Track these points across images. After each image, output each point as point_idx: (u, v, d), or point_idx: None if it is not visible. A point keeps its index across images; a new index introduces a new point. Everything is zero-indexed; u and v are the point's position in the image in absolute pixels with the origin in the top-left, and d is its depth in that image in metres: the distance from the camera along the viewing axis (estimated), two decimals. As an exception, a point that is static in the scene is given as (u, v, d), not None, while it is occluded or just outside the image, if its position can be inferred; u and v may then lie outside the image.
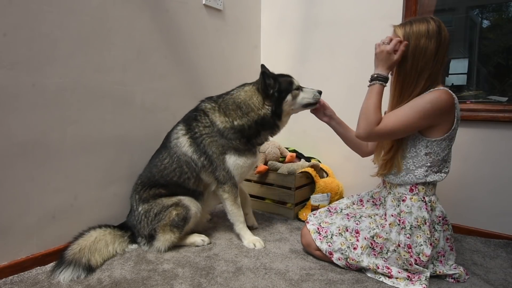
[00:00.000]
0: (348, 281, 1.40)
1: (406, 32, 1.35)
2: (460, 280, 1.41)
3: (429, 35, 1.31)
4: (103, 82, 1.72)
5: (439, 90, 1.31)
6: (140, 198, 1.71)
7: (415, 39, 1.33)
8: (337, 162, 2.45)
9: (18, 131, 1.43)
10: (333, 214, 1.64)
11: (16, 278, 1.41)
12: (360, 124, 1.39)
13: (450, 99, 1.30)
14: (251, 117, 1.70)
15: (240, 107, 1.71)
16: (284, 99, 1.70)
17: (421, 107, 1.29)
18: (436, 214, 1.43)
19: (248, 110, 1.70)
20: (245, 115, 1.70)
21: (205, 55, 2.30)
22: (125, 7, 1.79)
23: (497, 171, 1.87)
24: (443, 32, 1.33)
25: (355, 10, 2.28)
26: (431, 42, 1.31)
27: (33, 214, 1.50)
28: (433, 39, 1.31)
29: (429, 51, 1.31)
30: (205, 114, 1.74)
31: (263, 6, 2.76)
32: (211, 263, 1.56)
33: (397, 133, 1.35)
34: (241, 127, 1.70)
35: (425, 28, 1.32)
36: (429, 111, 1.29)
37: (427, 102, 1.29)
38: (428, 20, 1.34)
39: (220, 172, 1.72)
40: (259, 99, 1.70)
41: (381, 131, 1.34)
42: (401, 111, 1.33)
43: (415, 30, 1.33)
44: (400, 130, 1.34)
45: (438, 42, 1.31)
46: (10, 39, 1.38)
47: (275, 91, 1.68)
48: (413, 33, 1.33)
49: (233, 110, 1.72)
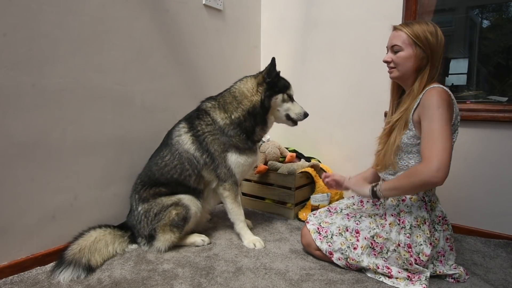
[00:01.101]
0: (348, 281, 1.40)
1: (413, 30, 1.36)
2: (460, 280, 1.41)
3: (429, 33, 1.34)
4: (103, 82, 1.72)
5: (434, 90, 1.31)
6: (140, 197, 1.71)
7: (422, 35, 1.34)
8: (337, 162, 2.45)
9: (18, 131, 1.43)
10: (333, 214, 1.64)
11: (16, 278, 1.41)
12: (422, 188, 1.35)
13: (448, 96, 1.31)
14: (244, 105, 1.74)
15: (236, 97, 1.76)
16: (275, 94, 1.74)
17: (439, 114, 1.27)
18: (436, 214, 1.43)
19: (242, 98, 1.75)
20: (239, 105, 1.74)
21: (205, 55, 2.30)
22: (125, 7, 1.79)
23: (497, 171, 1.87)
24: (439, 34, 1.35)
25: (355, 10, 2.29)
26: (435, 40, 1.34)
27: (33, 214, 1.50)
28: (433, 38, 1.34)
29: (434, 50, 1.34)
30: (207, 113, 1.77)
31: (263, 6, 2.76)
32: (211, 263, 1.56)
33: (450, 148, 1.26)
34: (238, 120, 1.73)
35: (426, 28, 1.34)
36: (447, 112, 1.27)
37: (437, 107, 1.27)
38: (426, 22, 1.38)
39: (221, 170, 1.73)
40: (254, 84, 1.75)
41: (442, 165, 1.21)
42: (433, 134, 1.26)
43: (419, 28, 1.35)
44: (450, 145, 1.25)
45: (435, 42, 1.34)
46: (10, 39, 1.38)
47: (271, 81, 1.73)
48: (419, 30, 1.35)
49: (230, 103, 1.76)
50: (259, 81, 1.75)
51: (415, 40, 1.35)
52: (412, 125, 1.37)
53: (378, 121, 2.20)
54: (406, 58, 1.37)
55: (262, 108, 1.73)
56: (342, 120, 2.41)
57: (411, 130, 1.38)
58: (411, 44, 1.36)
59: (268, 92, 1.73)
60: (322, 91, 2.48)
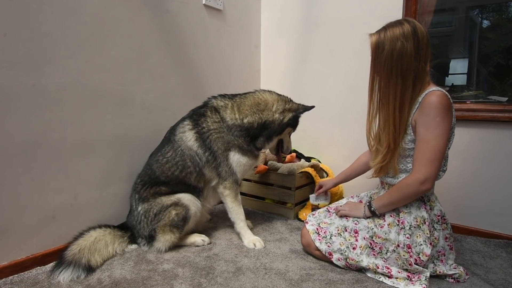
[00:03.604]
0: (348, 281, 1.40)
1: (380, 38, 1.36)
2: (460, 280, 1.41)
3: (404, 36, 1.32)
4: (103, 82, 1.72)
5: (434, 95, 1.29)
6: (140, 197, 1.71)
7: (390, 43, 1.33)
8: (337, 162, 2.45)
9: (18, 131, 1.43)
10: (332, 215, 1.64)
11: (16, 278, 1.41)
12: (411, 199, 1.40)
13: (448, 101, 1.30)
14: (264, 116, 1.76)
15: (258, 104, 1.78)
16: (290, 127, 1.84)
17: (436, 124, 1.28)
18: (435, 213, 1.43)
19: (264, 108, 1.77)
20: (259, 112, 1.76)
21: (205, 55, 2.30)
22: (125, 7, 1.79)
23: (497, 171, 1.87)
24: (419, 31, 1.33)
25: (355, 10, 2.28)
26: (409, 42, 1.31)
27: (33, 214, 1.50)
28: (410, 40, 1.31)
29: (409, 52, 1.31)
30: (216, 111, 1.77)
31: (263, 6, 2.76)
32: (211, 263, 1.56)
33: (441, 160, 1.31)
34: (249, 125, 1.75)
35: (399, 31, 1.32)
36: (445, 121, 1.28)
37: (435, 116, 1.27)
38: (402, 22, 1.35)
39: (223, 168, 1.74)
40: (282, 105, 1.80)
41: (429, 177, 1.31)
42: (426, 144, 1.30)
43: (389, 34, 1.34)
44: (441, 156, 1.30)
45: (416, 42, 1.32)
46: (10, 39, 1.38)
47: (297, 116, 1.83)
48: (386, 38, 1.34)
49: (249, 106, 1.77)
50: (289, 108, 1.80)
51: (380, 47, 1.36)
52: (411, 130, 1.37)
53: (378, 121, 2.20)
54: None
55: (279, 128, 1.78)
56: (342, 120, 2.41)
57: (409, 135, 1.38)
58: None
59: (291, 121, 1.81)
60: (322, 91, 2.48)
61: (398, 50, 1.32)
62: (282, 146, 1.93)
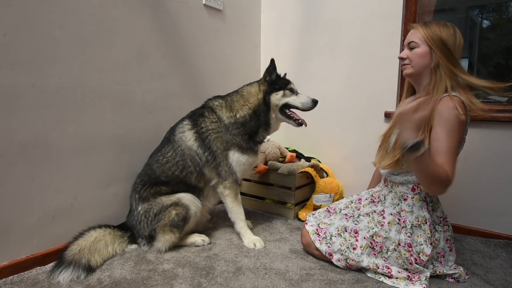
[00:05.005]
0: (348, 281, 1.40)
1: (431, 31, 1.37)
2: (460, 280, 1.41)
3: (450, 37, 1.35)
4: (103, 82, 1.72)
5: (452, 103, 1.29)
6: (140, 197, 1.71)
7: (438, 38, 1.35)
8: (337, 162, 2.45)
9: (18, 131, 1.43)
10: (332, 215, 1.64)
11: (16, 278, 1.41)
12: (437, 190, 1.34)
13: (465, 111, 1.30)
14: (250, 103, 1.79)
15: (243, 95, 1.83)
16: (276, 91, 1.79)
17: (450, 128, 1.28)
18: (437, 215, 1.43)
19: (248, 97, 1.81)
20: (246, 103, 1.80)
21: (205, 55, 2.30)
22: (126, 7, 1.79)
23: (497, 171, 1.87)
24: (458, 35, 1.36)
25: (355, 10, 2.28)
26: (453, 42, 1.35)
27: (33, 214, 1.50)
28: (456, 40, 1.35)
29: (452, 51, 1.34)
30: (213, 111, 1.80)
31: (263, 6, 2.76)
32: (211, 263, 1.56)
33: (455, 157, 1.30)
34: (243, 119, 1.77)
35: (444, 30, 1.36)
36: (458, 126, 1.29)
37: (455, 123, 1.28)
38: (446, 23, 1.38)
39: (222, 168, 1.75)
40: (258, 86, 1.83)
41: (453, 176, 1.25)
42: (442, 144, 1.27)
43: (438, 31, 1.36)
44: (455, 155, 1.30)
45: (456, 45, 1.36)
46: (10, 39, 1.38)
47: (270, 79, 1.80)
48: (437, 33, 1.36)
49: (237, 101, 1.82)
50: (261, 81, 1.82)
51: (429, 40, 1.36)
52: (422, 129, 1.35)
53: (378, 121, 2.20)
54: (421, 55, 1.39)
55: (265, 104, 1.78)
56: (342, 120, 2.41)
57: None
58: (427, 42, 1.37)
59: (269, 89, 1.79)
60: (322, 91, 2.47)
61: (450, 47, 1.36)
62: (291, 107, 1.81)
